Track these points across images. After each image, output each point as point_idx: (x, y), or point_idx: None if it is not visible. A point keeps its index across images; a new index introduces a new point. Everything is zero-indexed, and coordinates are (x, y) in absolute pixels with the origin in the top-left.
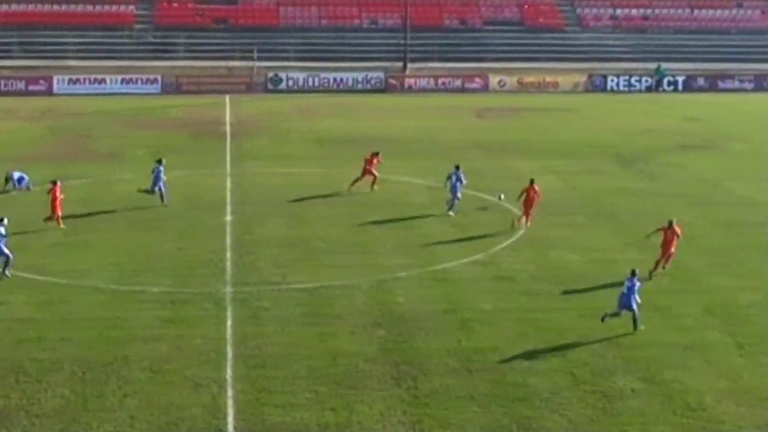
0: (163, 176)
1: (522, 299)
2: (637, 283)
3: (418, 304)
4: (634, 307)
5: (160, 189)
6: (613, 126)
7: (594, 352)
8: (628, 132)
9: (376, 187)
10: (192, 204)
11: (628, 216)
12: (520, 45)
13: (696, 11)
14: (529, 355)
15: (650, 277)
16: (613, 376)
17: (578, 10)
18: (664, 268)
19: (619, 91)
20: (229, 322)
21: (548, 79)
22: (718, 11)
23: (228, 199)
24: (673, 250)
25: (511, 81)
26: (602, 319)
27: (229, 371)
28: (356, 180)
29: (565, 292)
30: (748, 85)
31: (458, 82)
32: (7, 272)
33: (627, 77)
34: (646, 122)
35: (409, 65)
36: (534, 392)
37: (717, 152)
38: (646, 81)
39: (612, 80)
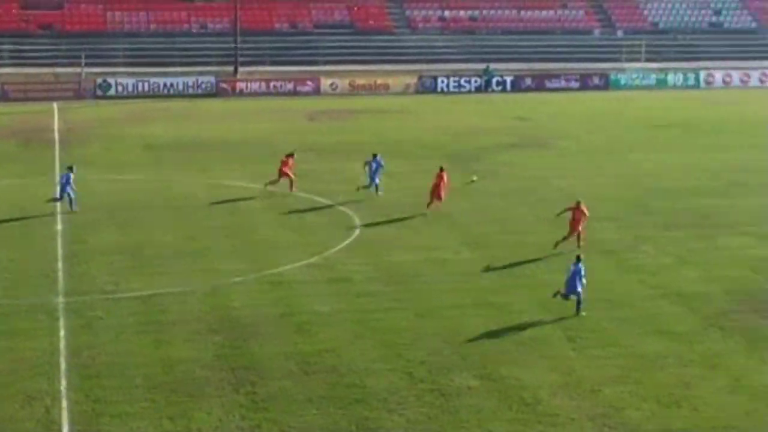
0: (72, 183)
1: (358, 300)
2: (582, 268)
3: (254, 309)
4: (579, 290)
5: (69, 195)
6: (444, 126)
7: (431, 350)
8: (459, 132)
9: (295, 189)
10: (22, 213)
11: (462, 215)
12: (350, 47)
13: (522, 12)
14: (367, 356)
15: (555, 246)
16: (450, 374)
17: (407, 12)
18: (579, 246)
19: (449, 92)
20: (62, 333)
21: (379, 81)
22: (544, 12)
23: (58, 208)
24: (580, 228)
25: (342, 83)
26: (554, 295)
27: (63, 383)
28: (273, 181)
29: (401, 292)
30: (574, 84)
31: (290, 86)
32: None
33: (457, 78)
34: (476, 122)
35: (240, 69)
36: (372, 393)
37: (546, 150)
38: (476, 81)
39: (442, 81)
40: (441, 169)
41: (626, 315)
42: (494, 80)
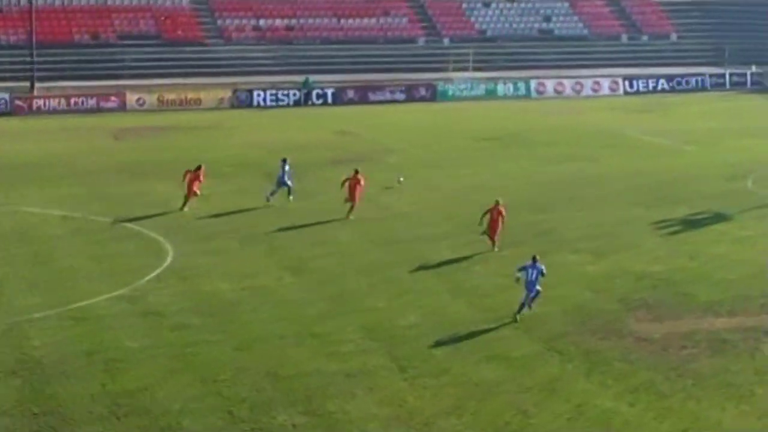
0: None
1: (172, 334)
2: (542, 267)
3: (57, 347)
4: (533, 292)
5: None
6: (261, 143)
7: (252, 386)
8: (277, 148)
9: (187, 208)
10: None
11: (282, 237)
12: (158, 60)
13: (343, 21)
14: (183, 395)
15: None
16: (273, 411)
17: (219, 22)
18: (495, 249)
19: (266, 106)
20: None
21: (190, 95)
22: (365, 20)
23: None
24: (498, 229)
25: (150, 99)
26: (518, 312)
27: None
28: (186, 200)
29: (219, 324)
30: (400, 96)
31: (93, 102)
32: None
33: (274, 91)
34: (296, 138)
35: (38, 85)
36: None
37: (371, 166)
38: (295, 94)
39: (258, 95)
40: (356, 172)
41: (460, 341)
42: (314, 93)
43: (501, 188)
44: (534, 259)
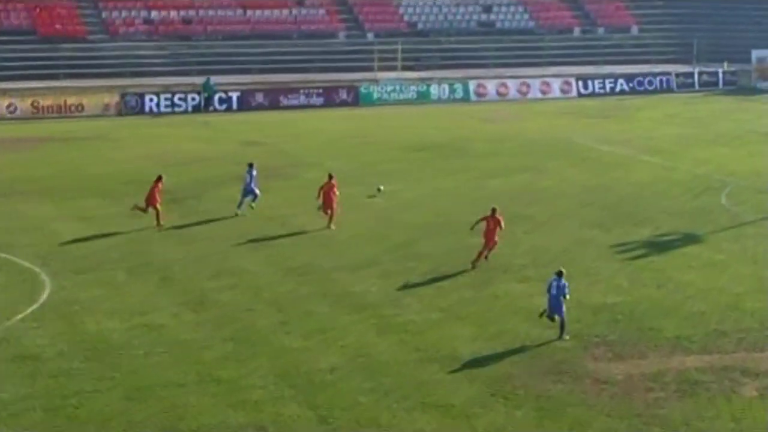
0: None
1: (50, 382)
2: (565, 283)
3: None
4: (563, 312)
5: None
6: (155, 156)
7: None
8: (173, 162)
9: (161, 224)
10: None
11: (178, 266)
12: (32, 59)
13: (249, 12)
14: None
15: (472, 266)
16: None
17: (104, 14)
18: (486, 258)
19: (160, 113)
20: None
21: (71, 100)
22: (276, 12)
23: None
24: (496, 239)
25: (23, 105)
26: (540, 315)
27: None
28: (157, 215)
29: (106, 369)
30: (317, 100)
31: None
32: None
33: (169, 95)
34: (195, 150)
35: None
36: None
37: (283, 181)
38: (194, 99)
39: (151, 99)
40: (330, 177)
41: (388, 385)
42: (216, 97)
43: (434, 206)
44: (559, 273)
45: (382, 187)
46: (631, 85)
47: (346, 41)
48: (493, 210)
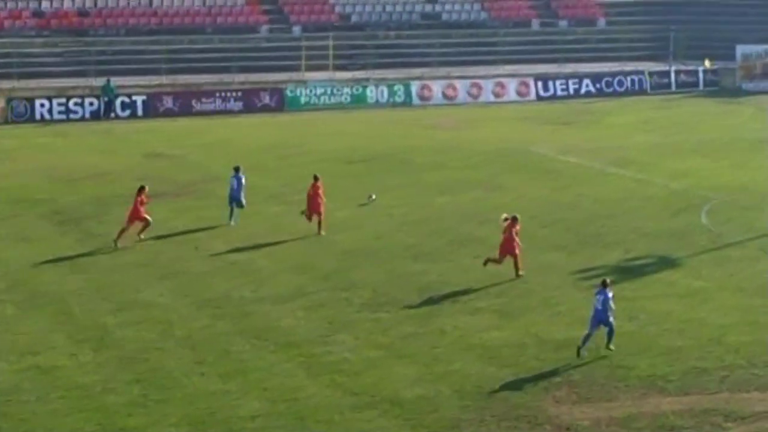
0: None
1: None
2: (610, 294)
3: None
4: (612, 320)
5: None
6: (46, 170)
7: None
8: (69, 178)
9: (143, 235)
10: None
11: (75, 299)
12: None
13: (156, 3)
14: None
15: (517, 275)
16: None
17: None
18: (517, 275)
19: (53, 120)
20: None
21: None
22: (187, 3)
23: None
24: (517, 251)
25: None
26: (578, 353)
27: None
28: (144, 227)
29: None
30: (235, 105)
31: None
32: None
33: (64, 100)
34: (94, 162)
35: None
36: None
37: (197, 199)
38: (92, 104)
39: (42, 104)
40: (315, 179)
41: None
42: (118, 102)
43: (371, 228)
44: (603, 284)
45: (374, 195)
46: (598, 86)
47: (269, 36)
48: (514, 218)
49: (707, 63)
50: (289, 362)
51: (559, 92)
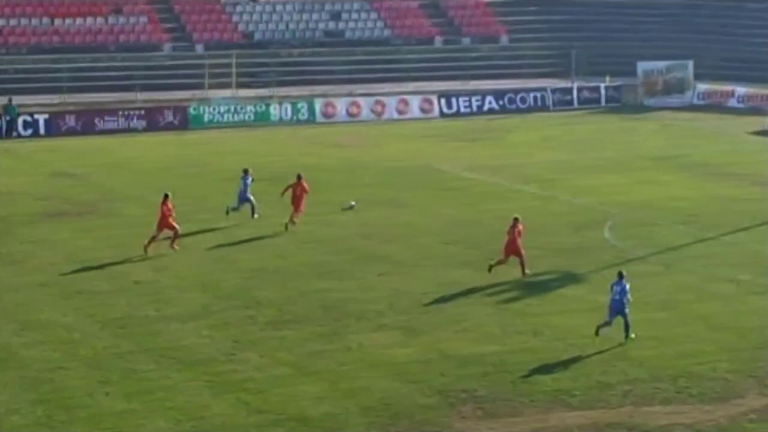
0: None
1: None
2: (627, 285)
3: None
4: (627, 311)
5: None
6: None
7: None
8: None
9: (176, 245)
10: None
11: None
12: None
13: (57, 22)
14: None
15: (489, 270)
16: None
17: None
18: (523, 274)
19: None
20: None
21: None
22: (89, 20)
23: None
24: (522, 252)
25: None
26: (597, 332)
27: None
28: (175, 236)
29: None
30: (139, 123)
31: None
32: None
33: None
34: None
35: None
36: None
37: (100, 219)
38: None
39: None
40: (299, 178)
41: None
42: (20, 120)
43: (275, 246)
44: (620, 275)
45: (354, 203)
46: (501, 102)
47: (172, 54)
48: (515, 219)
49: (609, 79)
50: (194, 381)
51: (462, 109)
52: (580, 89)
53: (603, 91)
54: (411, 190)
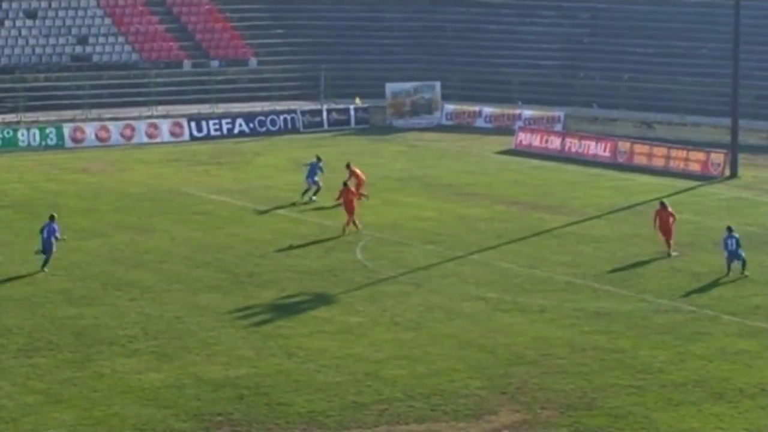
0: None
1: None
2: (736, 236)
3: None
4: (743, 255)
5: None
6: None
7: None
8: None
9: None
10: None
11: None
12: None
13: None
14: None
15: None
16: None
17: None
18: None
19: None
20: None
21: None
22: None
23: None
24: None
25: None
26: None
27: None
28: (349, 222)
29: None
30: None
31: None
32: None
33: None
34: None
35: None
36: None
37: None
38: None
39: None
40: (348, 166)
41: None
42: None
43: (22, 272)
44: (729, 229)
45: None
46: (251, 125)
47: None
48: (662, 203)
49: (358, 101)
50: None
51: (212, 132)
52: (329, 111)
53: (352, 113)
54: (158, 215)
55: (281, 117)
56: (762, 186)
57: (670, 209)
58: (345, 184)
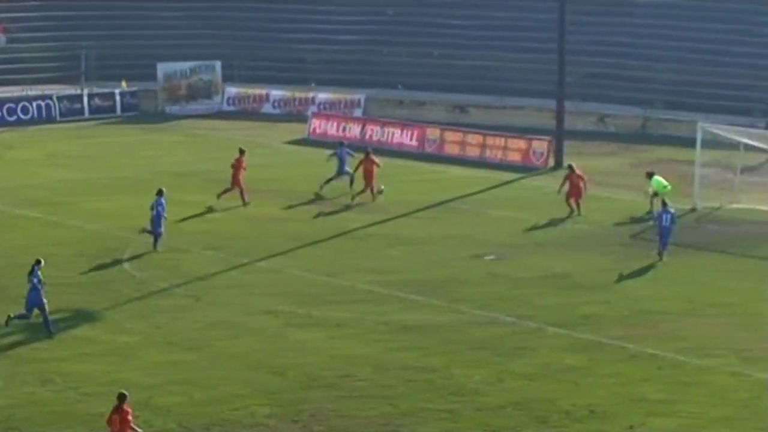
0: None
1: None
2: (671, 210)
3: None
4: (667, 237)
5: None
6: None
7: None
8: None
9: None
10: None
11: None
12: None
13: None
14: None
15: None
16: None
17: None
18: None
19: None
20: None
21: None
22: None
23: None
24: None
25: None
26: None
27: None
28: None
29: None
30: None
31: None
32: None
33: None
34: None
35: None
36: None
37: None
38: None
39: None
40: (367, 153)
41: None
42: None
43: None
44: (664, 204)
45: (383, 187)
46: (0, 114)
47: None
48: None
49: (124, 84)
50: None
51: None
52: (91, 96)
53: (118, 98)
54: None
55: (34, 104)
56: (591, 177)
57: (579, 172)
58: (367, 153)
